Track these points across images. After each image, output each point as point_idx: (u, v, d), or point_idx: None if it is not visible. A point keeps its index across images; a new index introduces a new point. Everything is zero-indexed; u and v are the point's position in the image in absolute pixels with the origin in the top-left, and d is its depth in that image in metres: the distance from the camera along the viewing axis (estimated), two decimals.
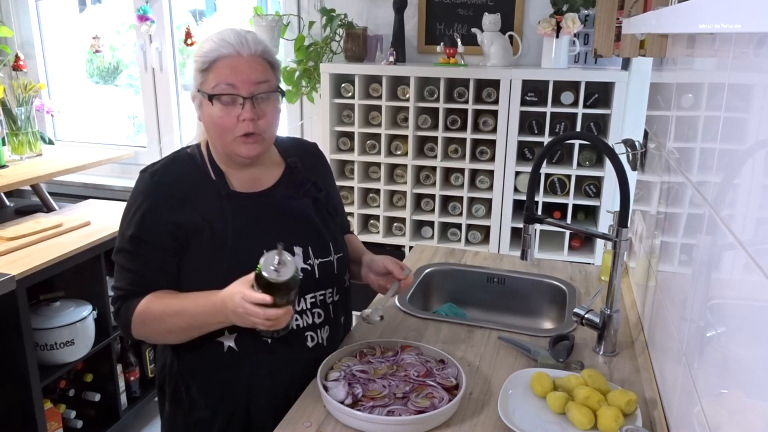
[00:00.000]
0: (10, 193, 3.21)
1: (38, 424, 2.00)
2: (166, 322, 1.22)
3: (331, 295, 1.35)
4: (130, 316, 1.24)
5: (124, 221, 1.27)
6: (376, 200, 2.75)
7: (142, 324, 1.24)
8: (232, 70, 1.20)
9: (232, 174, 1.30)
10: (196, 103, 1.26)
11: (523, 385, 1.24)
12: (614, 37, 1.57)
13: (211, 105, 1.21)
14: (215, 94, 1.20)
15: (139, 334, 1.26)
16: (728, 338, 0.77)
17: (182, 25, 3.15)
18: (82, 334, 2.18)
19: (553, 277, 1.83)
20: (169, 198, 1.24)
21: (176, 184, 1.26)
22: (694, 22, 0.65)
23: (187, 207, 1.24)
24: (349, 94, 2.65)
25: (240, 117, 1.21)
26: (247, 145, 1.23)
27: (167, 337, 1.27)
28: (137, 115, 3.62)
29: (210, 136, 1.28)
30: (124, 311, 1.26)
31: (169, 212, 1.23)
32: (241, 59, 1.21)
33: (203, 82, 1.22)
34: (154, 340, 1.30)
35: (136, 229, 1.23)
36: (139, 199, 1.25)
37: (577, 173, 2.44)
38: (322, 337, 1.33)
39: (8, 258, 2.02)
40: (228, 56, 1.21)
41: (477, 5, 2.68)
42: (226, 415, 1.29)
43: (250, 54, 1.22)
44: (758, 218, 0.68)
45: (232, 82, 1.20)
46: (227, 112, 1.21)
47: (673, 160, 1.25)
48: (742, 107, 0.78)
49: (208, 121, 1.24)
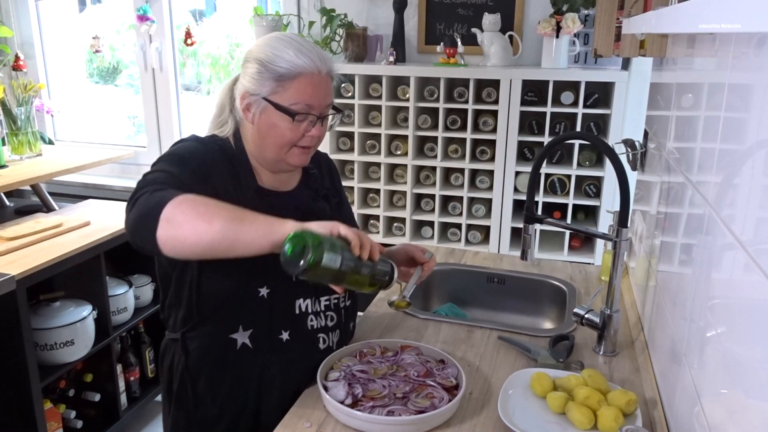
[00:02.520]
0: (10, 193, 3.21)
1: (38, 424, 2.00)
2: (213, 207, 1.06)
3: (344, 299, 1.36)
4: (171, 194, 1.06)
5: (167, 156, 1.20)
6: (376, 200, 2.75)
7: (184, 203, 1.05)
8: (314, 89, 1.20)
9: (262, 172, 1.30)
10: (254, 107, 1.22)
11: (523, 385, 1.24)
12: (614, 37, 1.57)
13: (283, 118, 1.20)
14: (294, 112, 1.19)
15: (174, 210, 1.04)
16: (728, 338, 0.77)
17: (182, 25, 3.15)
18: (82, 334, 2.18)
19: (553, 277, 1.83)
20: (214, 167, 1.21)
21: (222, 161, 1.24)
22: (694, 22, 0.65)
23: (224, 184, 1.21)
24: (349, 94, 2.65)
25: (308, 133, 1.22)
26: (303, 156, 1.26)
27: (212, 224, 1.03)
28: (137, 115, 3.62)
29: (264, 142, 1.24)
30: (163, 192, 1.08)
31: (210, 178, 1.19)
32: (320, 78, 1.21)
33: (277, 93, 1.20)
34: (184, 234, 1.04)
35: (181, 169, 1.17)
36: (185, 156, 1.19)
37: (577, 173, 2.44)
38: (333, 341, 1.34)
39: (8, 258, 2.02)
40: (311, 74, 1.19)
41: (477, 5, 2.68)
42: (234, 414, 1.29)
43: (327, 73, 1.23)
44: (758, 218, 0.68)
45: (312, 104, 1.20)
46: (296, 127, 1.21)
47: (673, 160, 1.25)
48: (742, 107, 0.78)
49: (272, 130, 1.22)
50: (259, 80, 1.21)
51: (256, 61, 1.21)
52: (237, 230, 1.04)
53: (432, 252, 1.40)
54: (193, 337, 1.28)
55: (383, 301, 1.68)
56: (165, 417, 1.39)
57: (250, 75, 1.22)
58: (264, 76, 1.20)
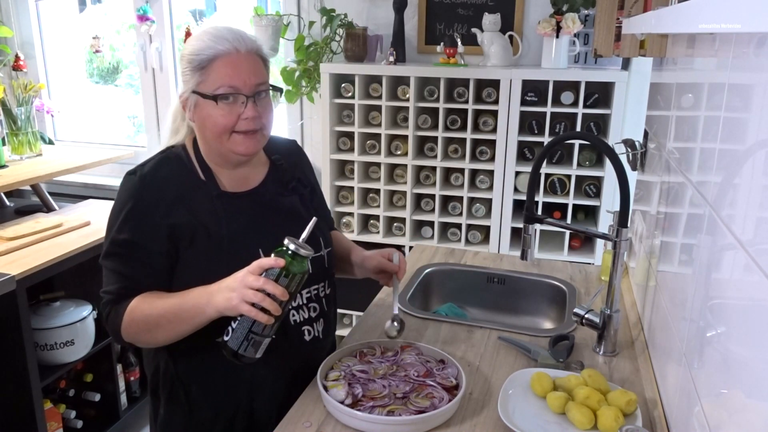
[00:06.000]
0: (10, 193, 3.21)
1: (38, 424, 2.00)
2: (153, 318, 1.17)
3: (324, 288, 1.36)
4: (119, 320, 1.20)
5: (113, 224, 1.22)
6: (376, 200, 2.75)
7: (131, 324, 1.19)
8: (234, 69, 1.18)
9: (221, 173, 1.28)
10: (189, 103, 1.22)
11: (523, 385, 1.24)
12: (614, 37, 1.57)
13: (212, 105, 1.19)
14: (218, 95, 1.18)
15: (128, 336, 1.21)
16: (728, 338, 0.77)
17: (182, 25, 3.15)
18: (82, 334, 2.18)
19: (553, 277, 1.83)
20: (161, 200, 1.21)
21: (168, 185, 1.23)
22: (694, 22, 0.65)
23: (180, 208, 1.21)
24: (349, 94, 2.65)
25: (242, 116, 1.20)
26: (246, 142, 1.22)
27: (156, 334, 1.19)
28: (137, 115, 3.62)
29: (205, 136, 1.25)
30: (113, 316, 1.21)
31: (163, 214, 1.20)
32: (239, 56, 1.19)
33: (201, 83, 1.19)
34: (144, 342, 1.24)
35: (130, 233, 1.20)
36: (130, 202, 1.21)
37: (577, 173, 2.44)
38: (318, 330, 1.34)
39: (8, 258, 2.02)
40: (227, 54, 1.18)
41: (477, 5, 2.68)
42: (229, 415, 1.29)
43: (248, 50, 1.20)
44: (758, 218, 0.68)
45: (235, 84, 1.18)
46: (229, 111, 1.19)
47: (673, 160, 1.25)
48: (742, 107, 0.78)
49: (206, 121, 1.21)
50: (186, 76, 1.21)
51: (181, 60, 1.22)
52: (178, 334, 1.18)
53: (397, 251, 1.40)
54: (178, 345, 1.25)
55: (384, 300, 1.68)
56: (153, 418, 1.38)
57: (182, 74, 1.23)
58: (187, 70, 1.21)
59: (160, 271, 1.22)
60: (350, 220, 2.77)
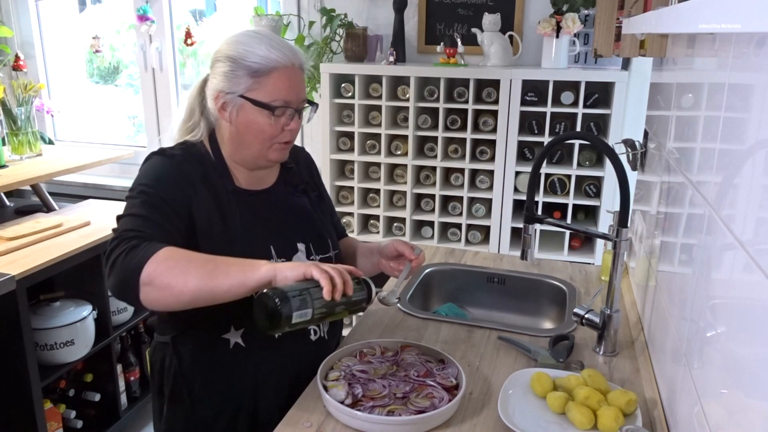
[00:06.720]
0: (10, 193, 3.21)
1: (38, 424, 2.00)
2: (197, 257, 1.11)
3: None
4: (152, 250, 1.07)
5: (140, 183, 1.19)
6: (376, 200, 2.75)
7: (168, 258, 1.07)
8: (290, 83, 1.21)
9: (238, 172, 1.30)
10: (230, 105, 1.21)
11: (523, 385, 1.24)
12: (614, 37, 1.57)
13: (262, 113, 1.20)
14: (275, 107, 1.20)
15: (152, 273, 1.06)
16: (728, 338, 0.77)
17: (182, 25, 3.15)
18: (82, 334, 2.18)
19: (553, 277, 1.83)
20: (193, 175, 1.22)
21: (197, 167, 1.25)
22: (694, 22, 0.65)
23: (204, 191, 1.22)
24: (349, 94, 2.65)
25: (287, 127, 1.23)
26: (283, 151, 1.27)
27: (189, 276, 1.07)
28: (137, 115, 3.62)
29: (244, 140, 1.24)
30: (144, 247, 1.08)
31: (191, 191, 1.20)
32: (294, 71, 1.22)
33: (253, 90, 1.19)
34: (165, 284, 1.07)
35: (157, 189, 1.17)
36: (159, 173, 1.20)
37: (577, 173, 2.44)
38: (324, 331, 1.35)
39: (8, 258, 2.02)
40: (284, 67, 1.20)
41: (477, 5, 2.68)
42: (231, 413, 1.29)
43: (300, 65, 1.24)
44: (758, 218, 0.68)
45: (289, 99, 1.21)
46: (276, 122, 1.22)
47: (673, 160, 1.25)
48: (742, 107, 0.78)
49: (251, 126, 1.22)
50: (233, 78, 1.20)
51: (227, 59, 1.21)
52: (212, 285, 1.07)
53: (421, 249, 1.40)
54: (184, 340, 1.28)
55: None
56: (157, 416, 1.39)
57: (222, 74, 1.21)
58: (237, 73, 1.20)
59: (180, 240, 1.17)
60: (350, 220, 2.77)
